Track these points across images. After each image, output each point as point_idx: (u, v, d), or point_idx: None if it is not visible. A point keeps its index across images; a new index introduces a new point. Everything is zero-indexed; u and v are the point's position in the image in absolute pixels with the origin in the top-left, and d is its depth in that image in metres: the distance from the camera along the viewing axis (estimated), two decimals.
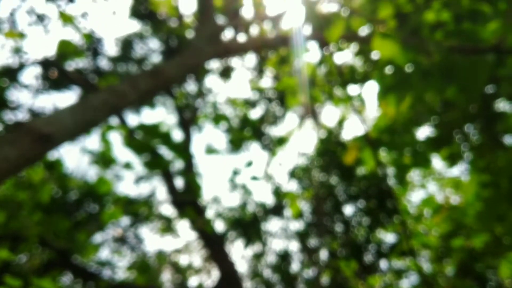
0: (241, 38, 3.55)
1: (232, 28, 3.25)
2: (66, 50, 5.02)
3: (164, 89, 2.48)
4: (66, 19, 5.06)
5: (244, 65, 8.78)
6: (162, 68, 2.32)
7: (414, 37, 4.42)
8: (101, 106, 1.93)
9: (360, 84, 4.92)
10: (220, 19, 3.25)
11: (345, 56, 4.77)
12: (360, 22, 3.61)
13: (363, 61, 4.55)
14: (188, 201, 8.66)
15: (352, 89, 5.04)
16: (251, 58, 8.67)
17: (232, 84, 10.56)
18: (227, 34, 3.19)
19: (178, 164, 7.91)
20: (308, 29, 3.13)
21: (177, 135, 10.93)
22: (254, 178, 8.74)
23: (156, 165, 4.27)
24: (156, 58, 11.25)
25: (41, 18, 9.93)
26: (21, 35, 5.03)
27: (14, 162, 1.67)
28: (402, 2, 4.64)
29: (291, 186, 9.81)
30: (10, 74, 9.32)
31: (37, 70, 10.37)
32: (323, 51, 3.73)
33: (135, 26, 12.98)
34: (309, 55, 4.04)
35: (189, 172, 8.84)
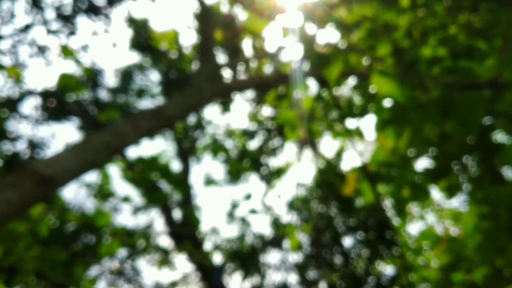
0: (241, 75, 3.59)
1: (232, 66, 3.30)
2: (66, 83, 5.07)
3: (165, 128, 2.50)
4: (67, 53, 5.12)
5: (243, 96, 8.85)
6: (163, 108, 2.35)
7: (411, 72, 4.49)
8: (103, 147, 1.95)
9: (358, 117, 4.96)
10: (221, 57, 3.31)
11: (343, 90, 4.82)
12: (358, 58, 3.67)
13: (361, 94, 4.59)
14: (186, 234, 8.61)
15: (351, 123, 5.08)
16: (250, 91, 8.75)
17: (231, 115, 10.63)
18: (227, 72, 3.24)
19: (176, 196, 7.89)
20: (307, 66, 3.17)
21: (176, 166, 10.94)
22: (253, 211, 8.71)
23: (155, 199, 4.27)
24: (155, 89, 11.36)
25: (42, 49, 10.05)
26: (21, 74, 5.08)
27: (16, 206, 1.67)
28: (399, 37, 4.72)
29: (290, 217, 9.76)
30: (10, 105, 9.37)
31: (37, 100, 10.43)
32: (322, 87, 3.78)
33: (135, 57, 13.12)
34: (307, 90, 4.09)
35: (187, 204, 8.82)
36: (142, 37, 10.76)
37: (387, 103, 3.11)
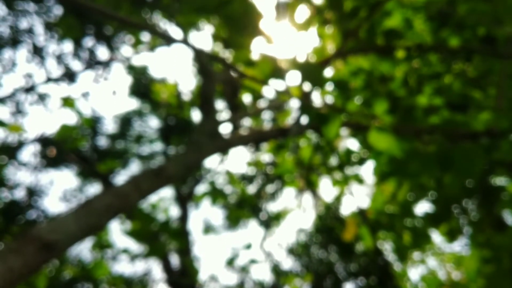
0: (241, 130, 3.65)
1: (232, 121, 3.36)
2: (67, 135, 5.12)
3: (166, 187, 2.52)
4: (68, 104, 5.19)
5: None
6: (164, 167, 2.38)
7: (408, 122, 4.55)
8: (105, 210, 1.96)
9: (357, 165, 4.99)
10: (221, 112, 3.37)
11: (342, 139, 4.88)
12: (356, 113, 3.74)
13: (359, 144, 4.65)
14: (184, 284, 8.48)
15: (349, 171, 5.11)
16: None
17: (230, 160, 10.67)
18: (227, 127, 3.29)
19: (175, 245, 7.83)
20: (305, 120, 3.23)
21: (174, 211, 10.88)
22: (253, 261, 8.62)
23: (154, 250, 4.24)
24: (154, 135, 11.42)
25: (42, 97, 10.16)
26: (22, 128, 5.14)
27: (19, 272, 1.67)
28: (395, 87, 4.81)
29: (290, 263, 9.66)
30: (9, 152, 9.40)
31: (36, 147, 10.46)
32: (320, 137, 3.82)
33: (134, 103, 13.26)
34: (306, 141, 4.14)
35: (186, 251, 8.72)
36: (142, 84, 10.91)
37: (385, 157, 3.16)
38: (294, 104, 3.26)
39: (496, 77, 4.71)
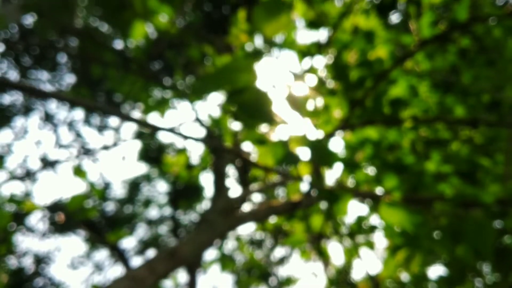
0: (253, 206, 3.68)
1: (244, 197, 3.39)
2: (77, 205, 5.15)
3: (181, 267, 2.52)
4: (79, 173, 5.25)
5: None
6: (177, 249, 2.39)
7: (418, 189, 4.56)
8: None
9: (368, 233, 4.96)
10: (233, 191, 3.42)
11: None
12: (366, 182, 3.77)
13: (370, 212, 4.64)
14: None
15: (360, 238, 5.08)
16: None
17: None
18: (240, 203, 3.32)
19: None
20: (315, 193, 3.25)
21: (182, 278, 10.71)
22: None
23: None
24: (162, 200, 11.45)
25: (52, 164, 10.30)
26: (36, 206, 5.19)
27: None
28: (404, 155, 4.86)
29: None
30: (18, 219, 9.41)
31: (45, 213, 10.49)
32: (330, 206, 3.83)
33: (142, 168, 13.38)
34: (317, 210, 4.15)
35: None
36: (151, 149, 11.05)
37: (397, 229, 3.15)
38: (305, 179, 3.30)
39: (503, 144, 4.76)
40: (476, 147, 4.78)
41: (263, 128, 2.83)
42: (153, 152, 10.82)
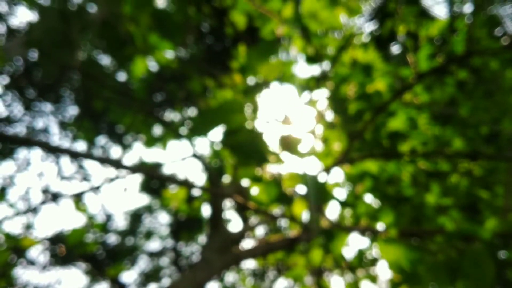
0: (250, 242, 3.68)
1: (241, 234, 3.38)
2: (78, 239, 5.14)
3: None
4: (79, 208, 5.26)
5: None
6: (174, 286, 2.37)
7: (418, 222, 4.54)
8: None
9: (369, 267, 4.92)
10: (231, 228, 3.40)
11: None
12: (365, 218, 3.76)
13: (370, 246, 4.61)
14: None
15: (361, 272, 5.03)
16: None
17: None
18: (236, 240, 3.31)
19: None
20: (315, 229, 3.24)
21: None
22: None
23: None
24: (164, 231, 11.39)
25: (55, 196, 10.29)
26: (35, 241, 5.19)
27: None
28: (403, 187, 4.85)
29: None
30: (18, 251, 9.36)
31: (46, 246, 10.43)
32: (329, 241, 3.81)
33: (144, 199, 13.38)
34: (316, 244, 4.12)
35: None
36: (152, 181, 11.05)
37: (396, 267, 3.13)
38: (303, 216, 3.30)
39: (502, 176, 4.76)
40: (476, 180, 4.77)
41: (258, 166, 2.85)
42: (154, 184, 10.82)
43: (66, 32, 4.23)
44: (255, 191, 3.00)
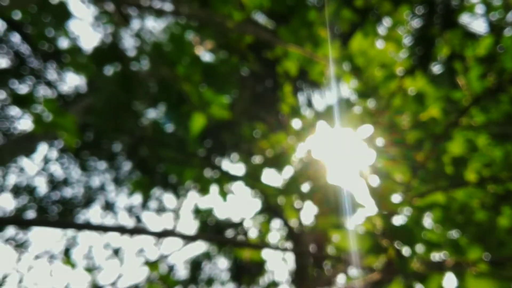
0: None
1: (329, 281, 3.35)
2: None
3: None
4: (152, 267, 5.34)
5: None
6: None
7: (497, 249, 4.37)
8: None
9: None
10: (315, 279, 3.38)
11: None
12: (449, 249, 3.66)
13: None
14: None
15: None
16: None
17: None
18: None
19: None
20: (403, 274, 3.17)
21: None
22: None
23: None
24: (225, 276, 11.37)
25: (116, 252, 10.51)
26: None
27: None
28: (474, 211, 4.71)
29: None
30: None
31: None
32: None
33: (202, 247, 13.44)
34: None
35: None
36: (208, 226, 11.12)
37: None
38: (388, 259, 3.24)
39: None
40: None
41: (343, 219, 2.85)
42: (212, 229, 10.89)
43: (127, 98, 4.40)
44: (338, 239, 2.98)
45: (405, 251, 2.94)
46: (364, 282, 3.20)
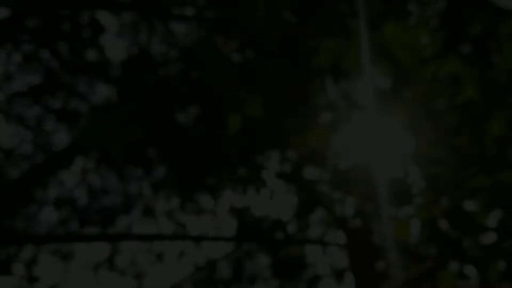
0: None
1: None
2: None
3: None
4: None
5: None
6: None
7: None
8: None
9: None
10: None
11: None
12: None
13: None
14: None
15: None
16: None
17: None
18: None
19: None
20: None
21: None
22: None
23: None
24: (266, 273, 11.36)
25: (159, 257, 10.63)
26: None
27: None
28: None
29: None
30: None
31: None
32: None
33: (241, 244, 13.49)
34: None
35: None
36: (246, 225, 11.14)
37: None
38: None
39: None
40: None
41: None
42: (251, 228, 10.91)
43: (163, 105, 4.45)
44: (395, 229, 2.95)
45: (461, 237, 2.89)
46: (418, 270, 3.16)
